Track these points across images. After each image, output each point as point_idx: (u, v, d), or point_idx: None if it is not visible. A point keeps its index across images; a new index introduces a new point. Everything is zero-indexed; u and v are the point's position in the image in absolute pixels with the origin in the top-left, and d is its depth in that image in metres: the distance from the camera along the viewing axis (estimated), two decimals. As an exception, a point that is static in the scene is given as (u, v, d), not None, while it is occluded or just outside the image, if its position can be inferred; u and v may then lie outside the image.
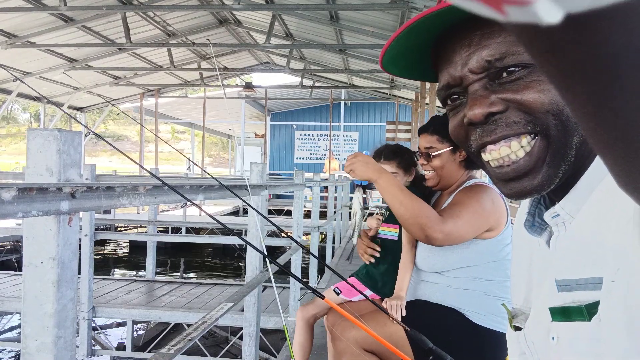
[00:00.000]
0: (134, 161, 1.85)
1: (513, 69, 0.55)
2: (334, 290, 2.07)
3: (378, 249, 2.00)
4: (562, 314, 0.53)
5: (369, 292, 2.04)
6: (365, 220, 2.20)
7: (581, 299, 0.50)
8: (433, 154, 1.78)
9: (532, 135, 0.54)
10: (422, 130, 1.84)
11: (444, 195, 1.83)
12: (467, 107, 0.58)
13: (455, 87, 0.60)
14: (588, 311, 0.49)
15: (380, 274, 2.03)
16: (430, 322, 1.65)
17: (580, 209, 0.53)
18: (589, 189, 0.53)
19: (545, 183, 0.54)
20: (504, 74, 0.55)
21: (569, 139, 0.53)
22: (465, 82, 0.58)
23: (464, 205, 1.59)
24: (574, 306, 0.51)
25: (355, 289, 1.87)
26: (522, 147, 0.54)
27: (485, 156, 0.57)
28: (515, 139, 0.54)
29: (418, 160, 1.88)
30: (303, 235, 4.30)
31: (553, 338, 0.54)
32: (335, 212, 7.85)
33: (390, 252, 2.01)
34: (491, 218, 1.61)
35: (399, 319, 1.68)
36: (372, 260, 1.99)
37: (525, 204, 0.65)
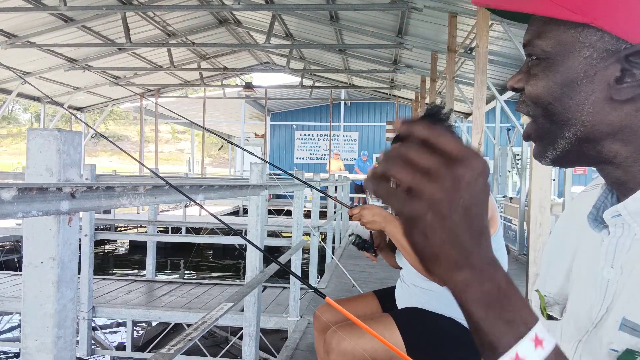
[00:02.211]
0: (139, 162, 1.86)
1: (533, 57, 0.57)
2: None
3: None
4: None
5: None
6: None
7: None
8: None
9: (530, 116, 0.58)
10: None
11: None
12: None
13: None
14: None
15: None
16: (425, 329, 1.68)
17: None
18: None
19: (536, 155, 0.58)
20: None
21: (559, 130, 0.54)
22: None
23: None
24: None
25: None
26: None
27: None
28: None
29: None
30: (303, 235, 4.30)
31: None
32: (335, 212, 7.85)
33: None
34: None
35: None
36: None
37: (589, 194, 0.64)
